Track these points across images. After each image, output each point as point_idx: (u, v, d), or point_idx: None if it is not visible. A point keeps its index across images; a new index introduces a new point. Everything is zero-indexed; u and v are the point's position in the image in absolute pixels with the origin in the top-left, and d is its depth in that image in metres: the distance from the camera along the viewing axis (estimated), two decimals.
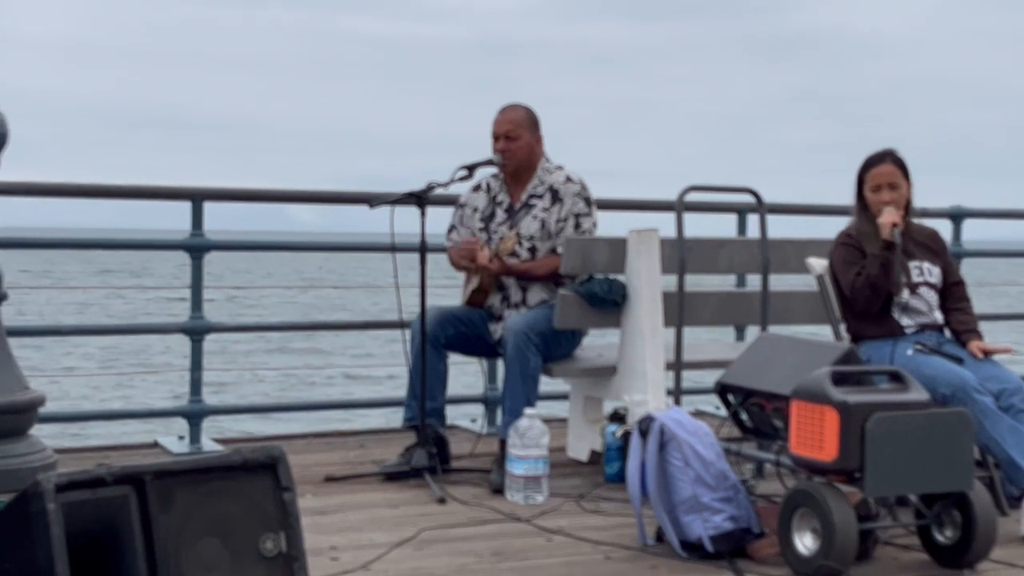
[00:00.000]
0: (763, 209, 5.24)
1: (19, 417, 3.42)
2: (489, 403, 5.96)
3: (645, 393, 4.85)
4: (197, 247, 5.49)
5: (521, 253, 5.06)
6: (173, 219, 5.69)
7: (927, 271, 4.68)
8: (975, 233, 7.20)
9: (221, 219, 5.93)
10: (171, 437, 5.60)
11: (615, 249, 5.00)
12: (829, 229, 4.94)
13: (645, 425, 3.99)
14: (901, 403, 3.70)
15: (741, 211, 6.56)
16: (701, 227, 5.90)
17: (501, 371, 5.20)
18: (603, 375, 5.11)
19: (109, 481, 2.58)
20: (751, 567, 3.76)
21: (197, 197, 5.50)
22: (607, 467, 4.90)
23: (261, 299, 29.55)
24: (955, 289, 4.73)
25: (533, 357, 4.83)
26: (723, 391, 4.23)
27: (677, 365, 5.00)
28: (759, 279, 5.19)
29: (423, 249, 4.88)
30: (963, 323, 4.65)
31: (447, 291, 5.71)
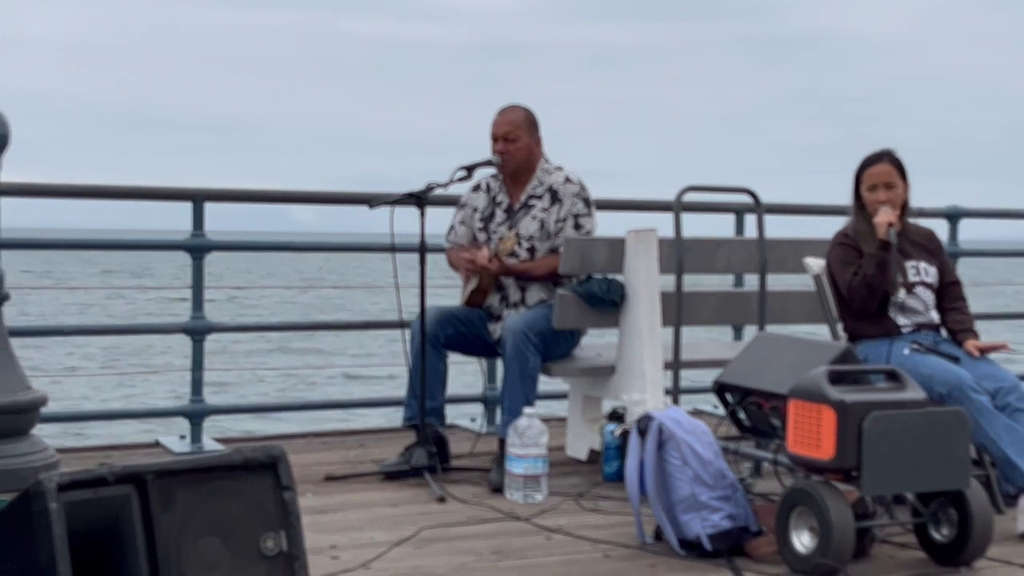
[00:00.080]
0: (761, 209, 5.26)
1: (21, 417, 3.44)
2: (488, 402, 5.98)
3: (643, 392, 4.86)
4: (198, 247, 5.51)
5: (520, 253, 5.08)
6: (174, 219, 5.71)
7: (924, 271, 4.69)
8: (972, 233, 7.22)
9: (222, 220, 5.95)
10: (172, 437, 5.62)
11: (613, 249, 5.01)
12: (826, 229, 4.96)
13: (643, 424, 4.00)
14: (898, 402, 3.71)
15: (739, 211, 6.58)
16: (699, 227, 5.92)
17: (500, 371, 5.22)
18: (602, 374, 5.13)
19: (111, 480, 2.59)
20: (749, 565, 3.77)
21: (198, 198, 5.52)
22: (606, 466, 4.92)
23: (261, 299, 29.54)
24: (951, 289, 4.74)
25: (532, 357, 4.85)
26: (721, 390, 4.24)
27: (675, 364, 5.01)
28: (757, 279, 5.21)
29: (423, 249, 4.89)
30: (959, 322, 4.66)
31: (447, 291, 5.72)
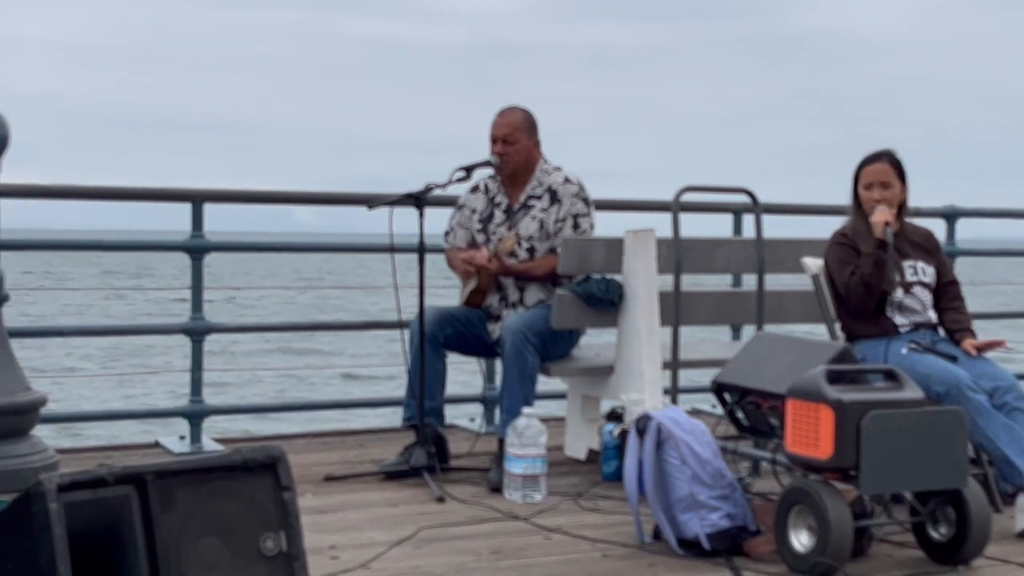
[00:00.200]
0: (758, 209, 5.27)
1: (21, 418, 3.44)
2: (487, 402, 5.98)
3: (642, 392, 4.87)
4: (197, 248, 5.51)
5: (520, 254, 5.09)
6: (174, 220, 5.72)
7: (921, 270, 4.69)
8: (970, 232, 7.22)
9: (221, 220, 5.96)
10: (172, 437, 5.62)
11: (612, 249, 5.02)
12: (824, 229, 4.96)
13: (642, 424, 4.01)
14: (896, 401, 3.73)
15: (737, 211, 6.59)
16: (697, 227, 5.92)
17: (499, 371, 5.23)
18: (600, 374, 5.14)
19: (110, 481, 2.59)
20: (748, 564, 3.78)
21: (197, 199, 5.52)
22: (605, 466, 4.93)
23: (260, 300, 29.54)
24: (949, 288, 4.74)
25: (531, 357, 4.85)
26: (719, 390, 4.25)
27: (674, 364, 5.02)
28: (755, 279, 5.22)
29: (421, 250, 4.90)
30: (957, 322, 4.66)
31: (446, 291, 5.73)
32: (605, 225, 5.28)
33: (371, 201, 5.01)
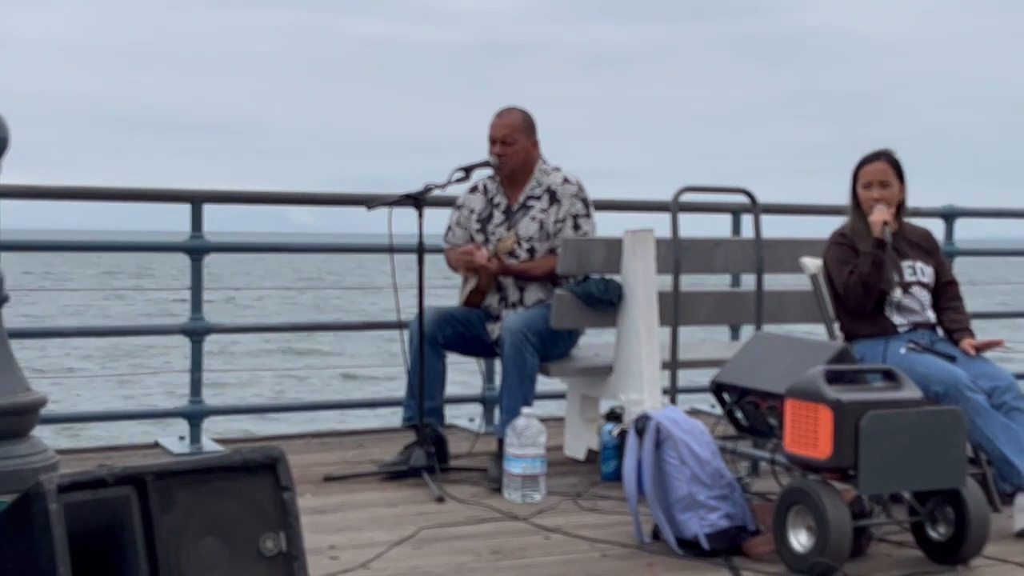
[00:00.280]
0: (757, 209, 5.27)
1: (21, 418, 3.44)
2: (487, 402, 5.99)
3: (641, 392, 4.88)
4: (196, 249, 5.52)
5: (520, 254, 5.10)
6: (173, 220, 5.72)
7: (920, 270, 4.70)
8: (970, 232, 7.23)
9: (221, 221, 5.96)
10: (172, 437, 5.62)
11: (611, 249, 5.02)
12: (823, 229, 4.97)
13: (641, 424, 4.01)
14: (894, 401, 3.73)
15: (736, 211, 6.59)
16: (696, 227, 5.93)
17: (499, 371, 5.23)
18: (600, 374, 5.14)
19: (110, 482, 2.59)
20: (747, 564, 3.79)
21: (196, 199, 5.52)
22: (604, 466, 4.93)
23: (259, 300, 29.55)
24: (948, 288, 4.75)
25: (530, 357, 4.86)
26: (718, 390, 4.25)
27: (673, 364, 5.03)
28: (754, 279, 5.22)
29: (420, 250, 4.90)
30: (955, 321, 4.67)
31: (445, 292, 5.74)
32: (604, 225, 5.29)
33: (370, 202, 5.01)
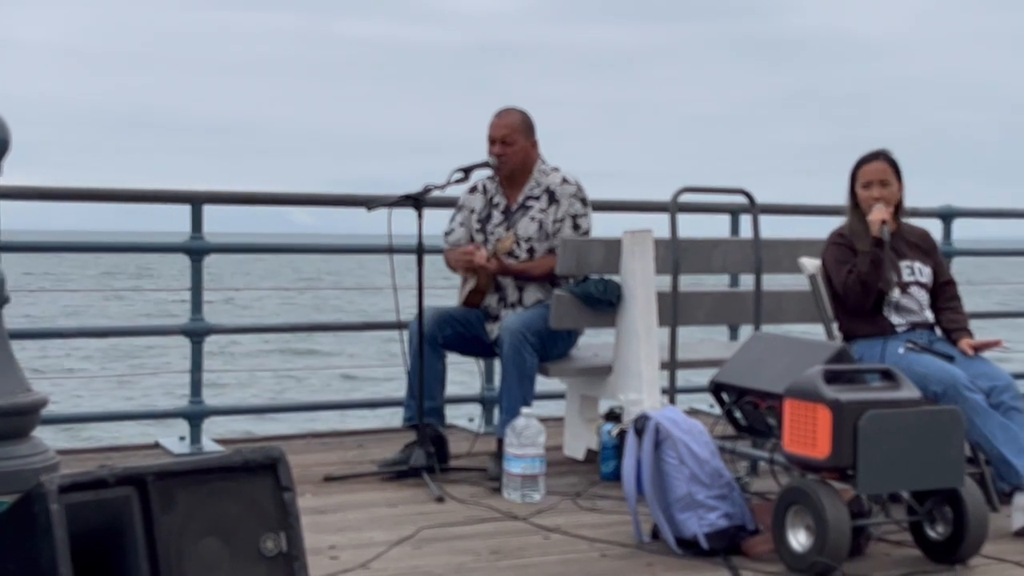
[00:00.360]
0: (756, 210, 5.28)
1: (22, 419, 3.45)
2: (486, 403, 5.99)
3: (640, 392, 4.89)
4: (196, 250, 5.52)
5: (519, 254, 5.11)
6: (174, 221, 5.73)
7: (918, 271, 4.71)
8: (966, 232, 7.24)
9: (221, 222, 5.96)
10: (172, 438, 5.63)
11: (610, 250, 5.03)
12: (821, 229, 4.98)
13: (640, 424, 4.02)
14: (893, 401, 3.73)
15: (734, 212, 6.60)
16: (695, 228, 5.94)
17: (498, 371, 5.24)
18: (599, 374, 5.15)
19: (111, 482, 2.59)
20: (746, 564, 3.79)
21: (196, 200, 5.53)
22: (603, 465, 4.94)
23: (258, 300, 29.55)
24: (946, 288, 4.76)
25: (529, 357, 4.87)
26: (717, 390, 4.26)
27: (672, 364, 5.03)
28: (752, 279, 5.23)
29: (420, 251, 4.91)
30: (953, 321, 4.68)
31: (444, 292, 5.74)
32: (603, 226, 5.30)
33: (370, 202, 5.02)
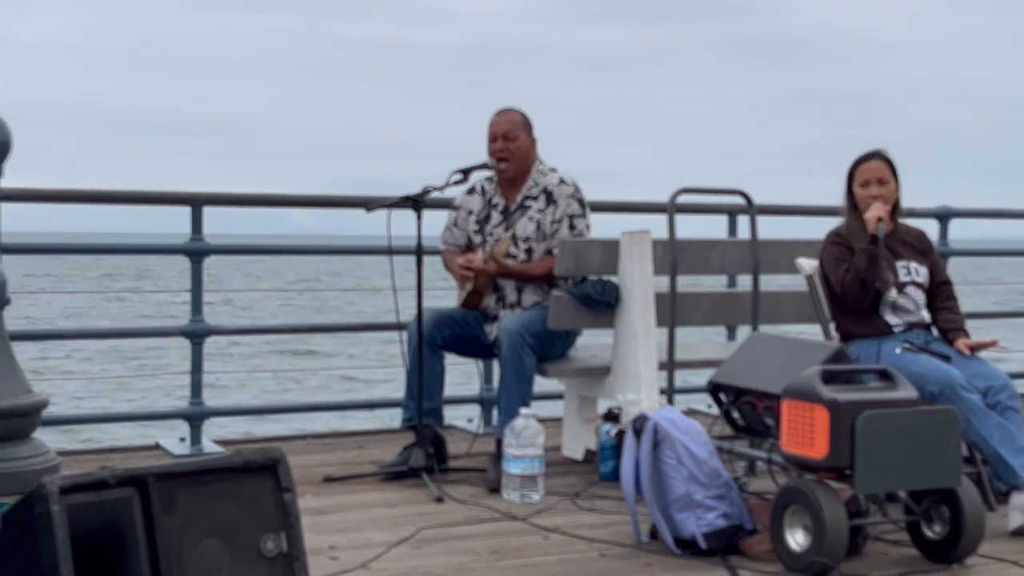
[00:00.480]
0: (753, 211, 5.29)
1: (23, 420, 3.46)
2: (485, 403, 6.00)
3: (638, 392, 4.90)
4: (196, 251, 5.53)
5: (518, 255, 5.12)
6: (173, 222, 5.73)
7: (914, 271, 4.72)
8: (963, 232, 7.26)
9: (220, 223, 5.97)
10: (172, 439, 5.64)
11: (608, 251, 5.05)
12: (819, 230, 4.99)
13: (639, 424, 4.03)
14: (890, 401, 3.75)
15: (732, 212, 6.61)
16: (693, 229, 5.95)
17: (497, 372, 5.25)
18: (597, 375, 5.16)
19: (112, 483, 2.60)
20: (744, 563, 3.80)
21: (196, 202, 5.54)
22: (602, 466, 4.95)
23: (256, 302, 29.54)
24: (942, 288, 4.77)
25: (528, 358, 4.88)
26: (715, 390, 4.27)
27: (670, 365, 5.04)
28: (750, 279, 5.25)
29: (419, 252, 4.92)
30: (950, 321, 4.69)
31: (443, 293, 5.75)
32: (601, 227, 5.31)
33: (369, 203, 5.03)
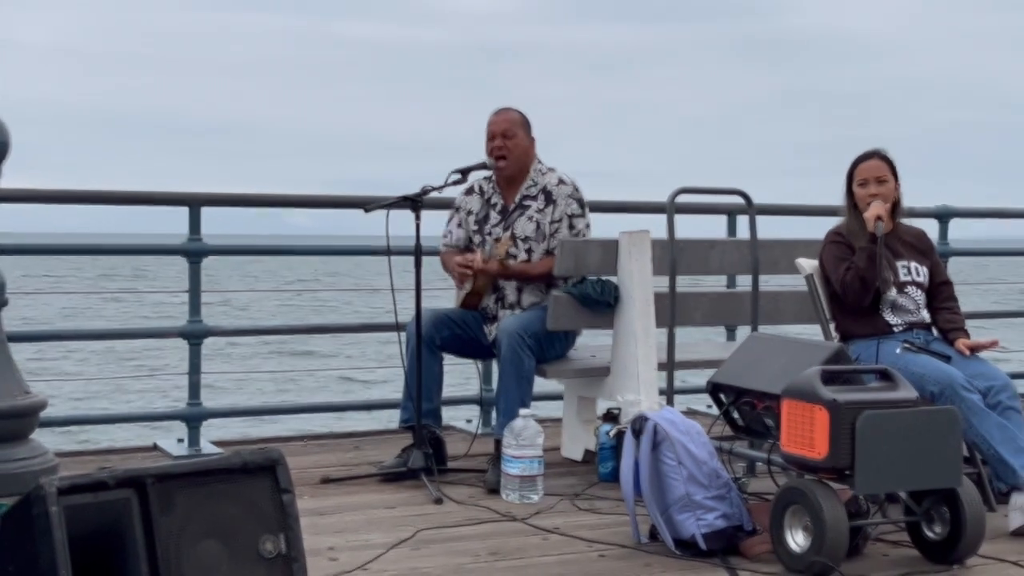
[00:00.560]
0: (752, 211, 5.29)
1: (21, 421, 3.45)
2: (484, 404, 5.99)
3: (638, 393, 4.89)
4: (194, 252, 5.52)
5: (519, 255, 5.11)
6: (172, 222, 5.72)
7: (915, 270, 4.72)
8: (962, 232, 7.26)
9: (219, 224, 5.96)
10: (170, 440, 5.63)
11: (607, 251, 5.04)
12: (818, 230, 4.99)
13: (638, 425, 4.03)
14: (890, 401, 3.74)
15: (731, 212, 6.61)
16: (692, 229, 5.95)
17: (496, 372, 5.24)
18: (596, 375, 5.16)
19: (111, 484, 2.60)
20: (744, 564, 3.80)
21: (194, 203, 5.53)
22: (601, 466, 4.94)
23: (254, 302, 29.54)
24: (943, 288, 4.77)
25: (527, 358, 4.88)
26: (715, 390, 4.27)
27: (669, 365, 5.03)
28: (749, 279, 5.24)
29: (418, 252, 4.91)
30: (950, 321, 4.68)
31: (442, 293, 5.75)
32: (600, 227, 5.31)
33: (367, 204, 5.02)
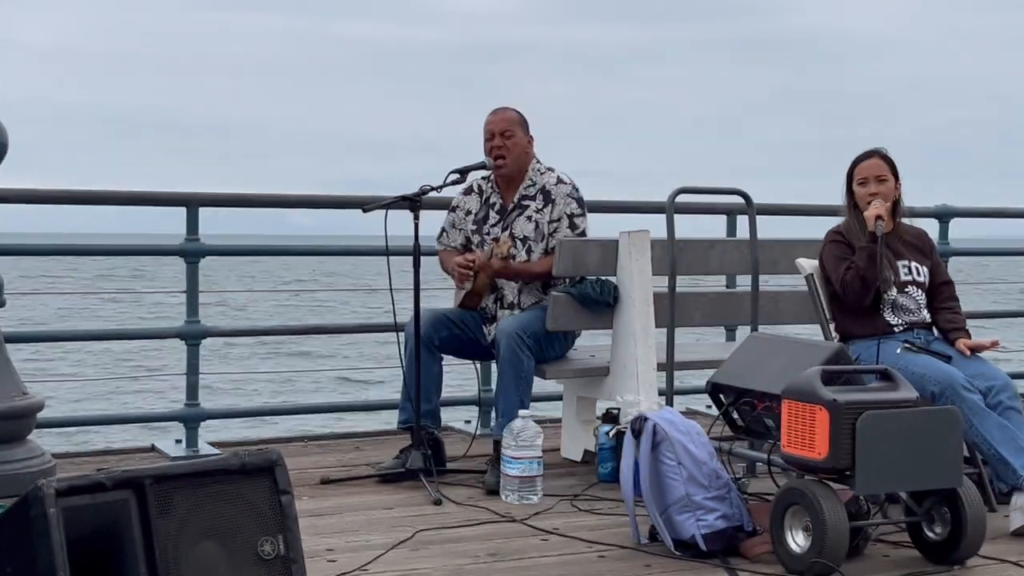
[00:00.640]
0: (752, 210, 5.28)
1: (19, 422, 3.45)
2: (483, 405, 5.99)
3: (637, 393, 4.88)
4: (192, 252, 5.51)
5: (519, 255, 5.10)
6: (171, 223, 5.72)
7: (915, 270, 4.71)
8: (962, 232, 7.25)
9: (219, 224, 5.95)
10: (168, 441, 5.62)
11: (607, 251, 5.03)
12: (818, 230, 4.99)
13: (638, 425, 4.02)
14: (891, 401, 3.73)
15: (731, 212, 6.60)
16: (692, 229, 5.94)
17: (495, 373, 5.24)
18: (596, 376, 5.15)
19: (109, 486, 2.59)
20: (744, 565, 3.79)
21: (192, 203, 5.52)
22: (600, 467, 4.94)
23: (251, 302, 29.53)
24: (943, 288, 4.76)
25: (526, 359, 4.87)
26: (715, 391, 4.26)
27: (669, 365, 5.03)
28: (749, 279, 5.23)
29: (416, 252, 4.91)
30: (951, 321, 4.68)
31: (441, 293, 5.74)
32: (600, 227, 5.30)
33: (366, 204, 5.02)
